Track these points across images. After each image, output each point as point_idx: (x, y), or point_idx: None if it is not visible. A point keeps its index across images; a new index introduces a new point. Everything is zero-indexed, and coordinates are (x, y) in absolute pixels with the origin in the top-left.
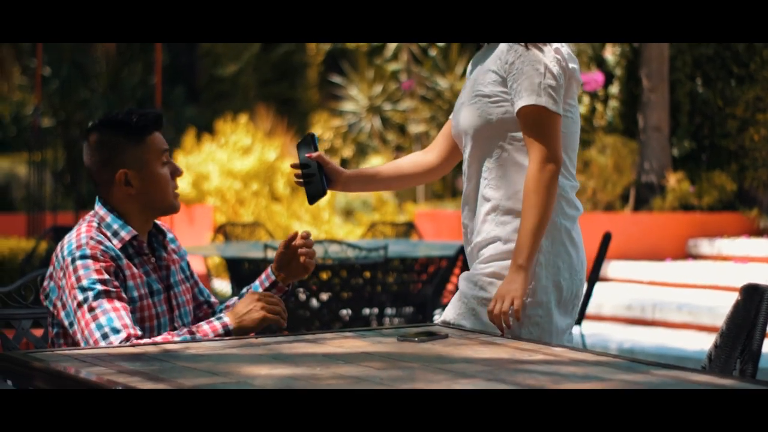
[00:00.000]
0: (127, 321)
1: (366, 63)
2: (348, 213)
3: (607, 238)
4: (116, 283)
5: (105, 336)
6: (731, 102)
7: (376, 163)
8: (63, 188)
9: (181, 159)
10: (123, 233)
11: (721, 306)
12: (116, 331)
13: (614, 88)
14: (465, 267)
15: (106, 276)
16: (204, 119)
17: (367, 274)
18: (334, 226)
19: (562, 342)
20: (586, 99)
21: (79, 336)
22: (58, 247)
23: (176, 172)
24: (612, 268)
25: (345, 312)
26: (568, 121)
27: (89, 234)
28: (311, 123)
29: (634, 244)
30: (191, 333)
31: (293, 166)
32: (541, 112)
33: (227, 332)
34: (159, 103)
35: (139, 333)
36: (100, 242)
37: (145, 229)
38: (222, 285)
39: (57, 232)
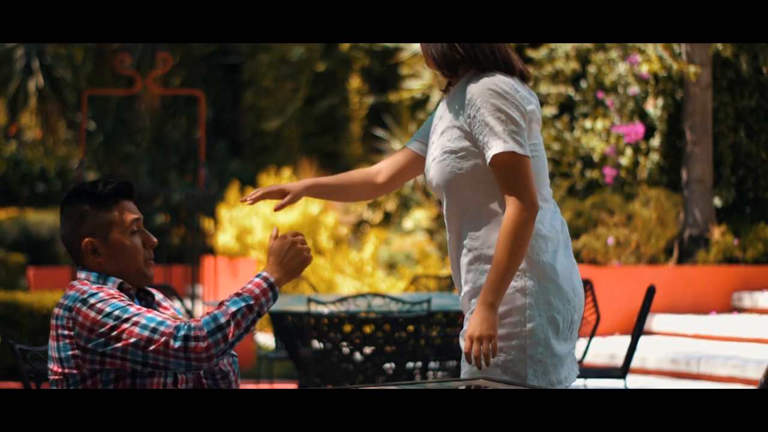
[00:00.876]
0: (165, 314)
1: (409, 116)
2: (391, 266)
3: (651, 292)
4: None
5: (154, 330)
6: None
7: (419, 217)
8: None
9: (224, 213)
10: (109, 284)
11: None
12: (162, 323)
13: (656, 141)
14: None
15: (123, 296)
16: (247, 173)
17: (411, 328)
18: (377, 280)
19: (564, 366)
20: (628, 151)
21: (121, 352)
22: (56, 311)
23: (148, 242)
24: (656, 321)
25: (388, 366)
26: (536, 160)
27: (85, 286)
28: None
29: (678, 297)
30: (238, 295)
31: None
32: (512, 158)
33: (270, 284)
34: (203, 157)
35: (178, 323)
36: (99, 287)
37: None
38: (265, 338)
39: None
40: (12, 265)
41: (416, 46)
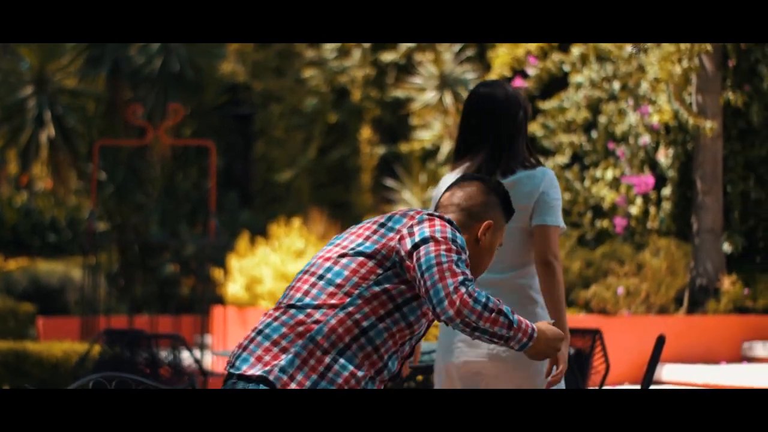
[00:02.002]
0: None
1: (419, 167)
2: None
3: (660, 341)
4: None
5: (460, 263)
6: None
7: None
8: (117, 292)
9: (234, 263)
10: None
11: None
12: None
13: (667, 191)
14: None
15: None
16: (257, 223)
17: (420, 378)
18: None
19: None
20: (638, 201)
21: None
22: (405, 209)
23: None
24: (666, 371)
25: None
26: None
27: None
28: None
29: (688, 346)
30: (513, 312)
31: None
32: None
33: (532, 333)
34: (213, 207)
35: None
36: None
37: None
38: None
39: (110, 335)
40: (21, 314)
41: (427, 98)
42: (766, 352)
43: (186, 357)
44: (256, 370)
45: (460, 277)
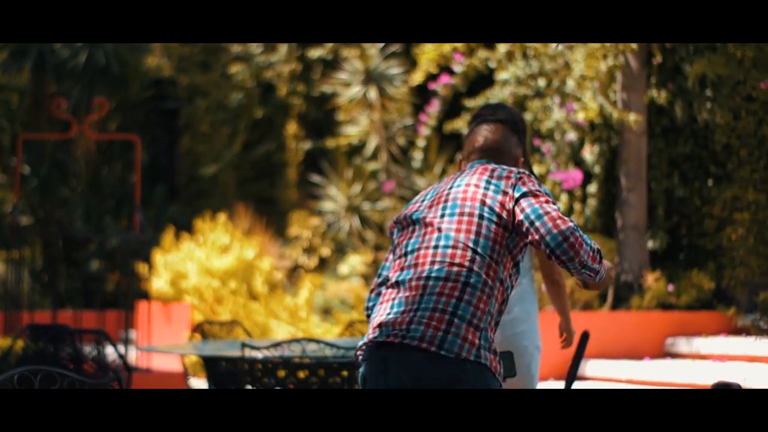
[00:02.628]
0: None
1: (345, 162)
2: (326, 311)
3: (585, 337)
4: None
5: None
6: (708, 201)
7: (355, 262)
8: (40, 287)
9: (159, 257)
10: None
11: None
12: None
13: (593, 187)
14: None
15: None
16: (183, 218)
17: (345, 373)
18: (312, 325)
19: None
20: (564, 197)
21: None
22: (502, 171)
23: None
24: (590, 366)
25: None
26: None
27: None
28: (290, 222)
29: (612, 342)
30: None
31: None
32: None
33: (604, 267)
34: (138, 201)
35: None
36: None
37: None
38: (199, 383)
39: (34, 330)
40: None
41: (353, 92)
42: (689, 349)
43: (110, 352)
44: (468, 354)
45: (572, 224)
